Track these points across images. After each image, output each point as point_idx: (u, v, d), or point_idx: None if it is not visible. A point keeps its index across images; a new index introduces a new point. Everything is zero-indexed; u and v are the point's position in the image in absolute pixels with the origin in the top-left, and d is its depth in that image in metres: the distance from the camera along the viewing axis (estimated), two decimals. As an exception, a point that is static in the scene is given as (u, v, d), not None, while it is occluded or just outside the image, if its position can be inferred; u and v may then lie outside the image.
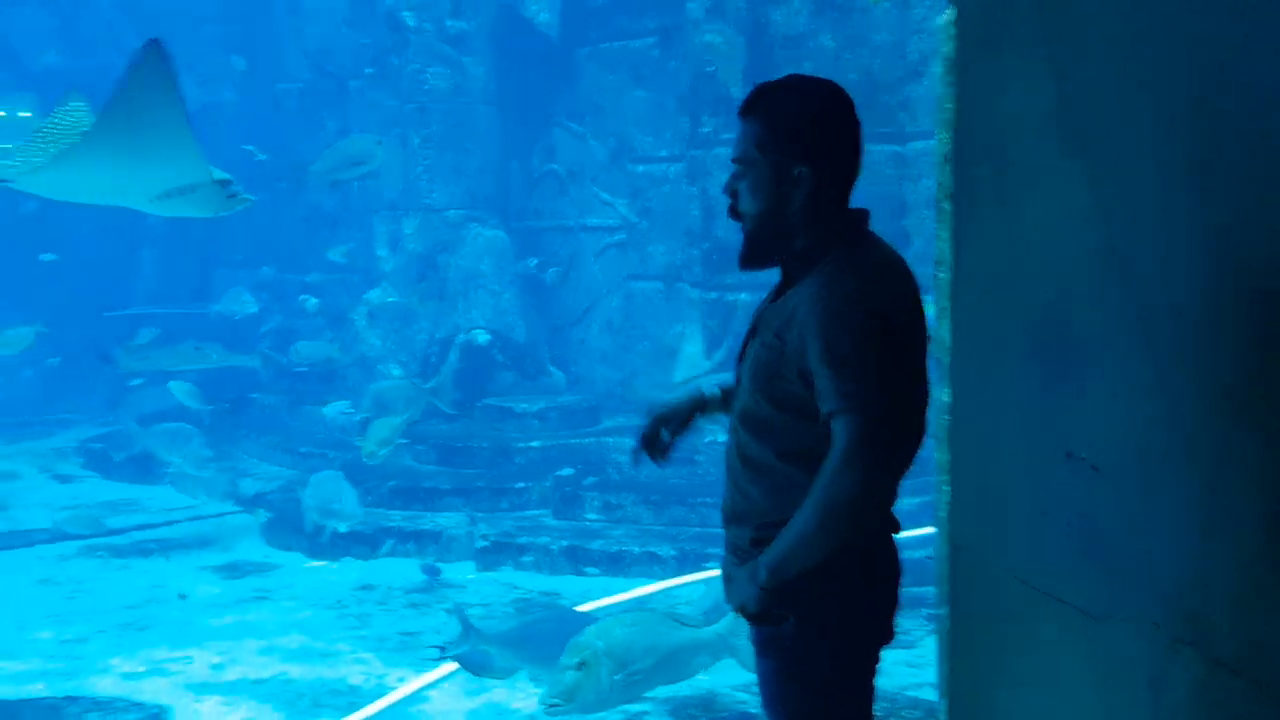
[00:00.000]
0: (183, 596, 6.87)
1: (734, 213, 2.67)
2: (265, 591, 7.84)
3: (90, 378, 14.92)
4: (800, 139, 2.59)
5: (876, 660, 2.66)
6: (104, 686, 6.06)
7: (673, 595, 6.90)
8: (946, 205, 2.98)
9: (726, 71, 9.14)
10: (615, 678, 3.79)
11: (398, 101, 10.67)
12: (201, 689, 6.07)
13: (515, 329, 10.62)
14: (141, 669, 6.34)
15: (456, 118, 10.55)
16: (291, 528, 8.69)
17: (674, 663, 4.16)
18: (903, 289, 2.59)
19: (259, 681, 6.17)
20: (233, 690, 6.06)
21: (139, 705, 5.79)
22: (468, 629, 5.57)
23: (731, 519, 2.69)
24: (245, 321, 13.00)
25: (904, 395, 2.49)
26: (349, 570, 8.21)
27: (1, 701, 5.77)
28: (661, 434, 2.92)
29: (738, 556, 2.65)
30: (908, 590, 2.73)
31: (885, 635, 2.65)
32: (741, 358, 2.73)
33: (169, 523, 9.64)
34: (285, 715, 5.73)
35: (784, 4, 9.12)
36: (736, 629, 4.46)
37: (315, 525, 8.05)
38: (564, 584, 7.80)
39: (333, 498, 8.04)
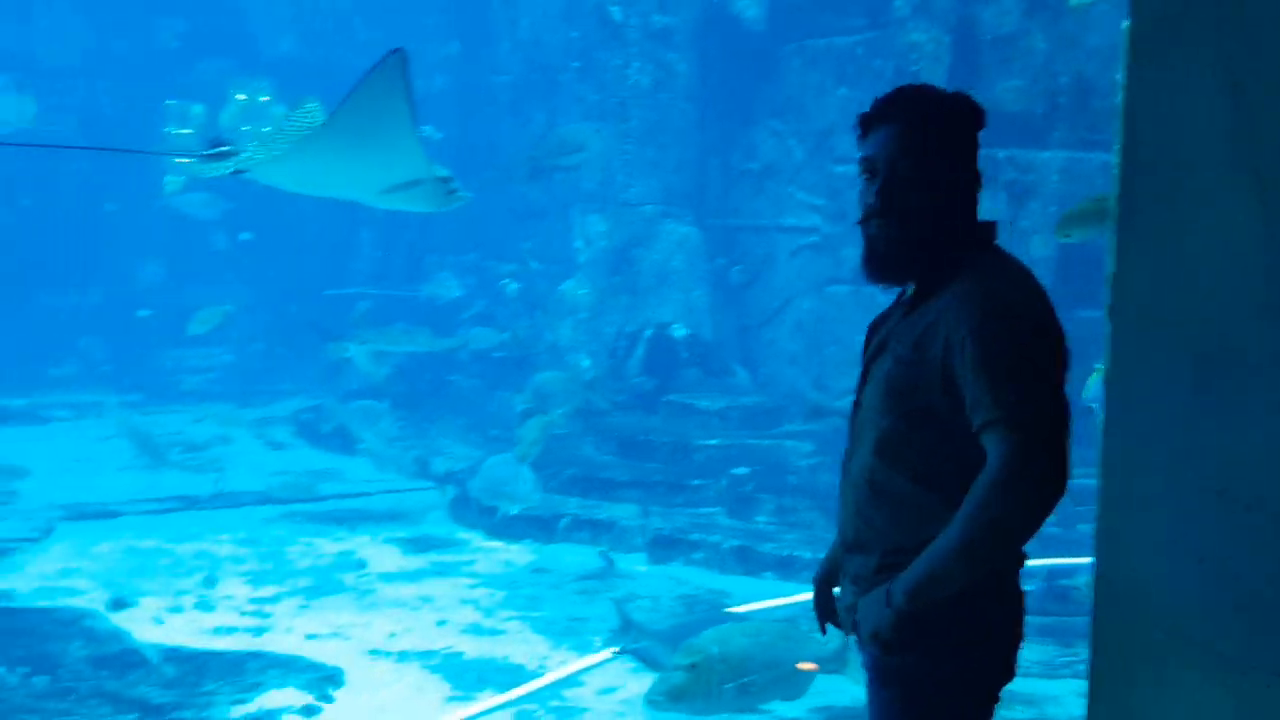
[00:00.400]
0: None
1: (869, 222, 2.59)
2: (445, 567, 8.11)
3: (308, 352, 15.65)
4: (947, 145, 2.53)
5: (997, 699, 2.55)
6: (286, 645, 6.38)
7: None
8: (1113, 220, 2.85)
9: (931, 71, 8.94)
10: (726, 686, 3.78)
11: (600, 96, 10.84)
12: (375, 655, 6.32)
13: (703, 326, 10.65)
14: (323, 631, 6.66)
15: (657, 113, 10.64)
16: (475, 507, 8.98)
17: (789, 678, 4.11)
18: (1047, 301, 2.49)
19: (429, 653, 6.38)
20: (403, 658, 6.29)
21: (315, 666, 6.07)
22: (627, 623, 5.63)
23: (854, 548, 2.59)
24: (450, 305, 13.48)
25: (1063, 412, 2.37)
26: (525, 552, 8.42)
27: (191, 652, 6.15)
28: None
29: (860, 586, 2.54)
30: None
31: (1009, 671, 2.54)
32: (865, 378, 2.64)
33: (363, 494, 10.08)
34: (451, 687, 5.91)
35: (994, 3, 8.87)
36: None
37: (486, 506, 8.26)
38: (733, 584, 7.78)
39: (507, 480, 8.24)
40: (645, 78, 10.63)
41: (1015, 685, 2.64)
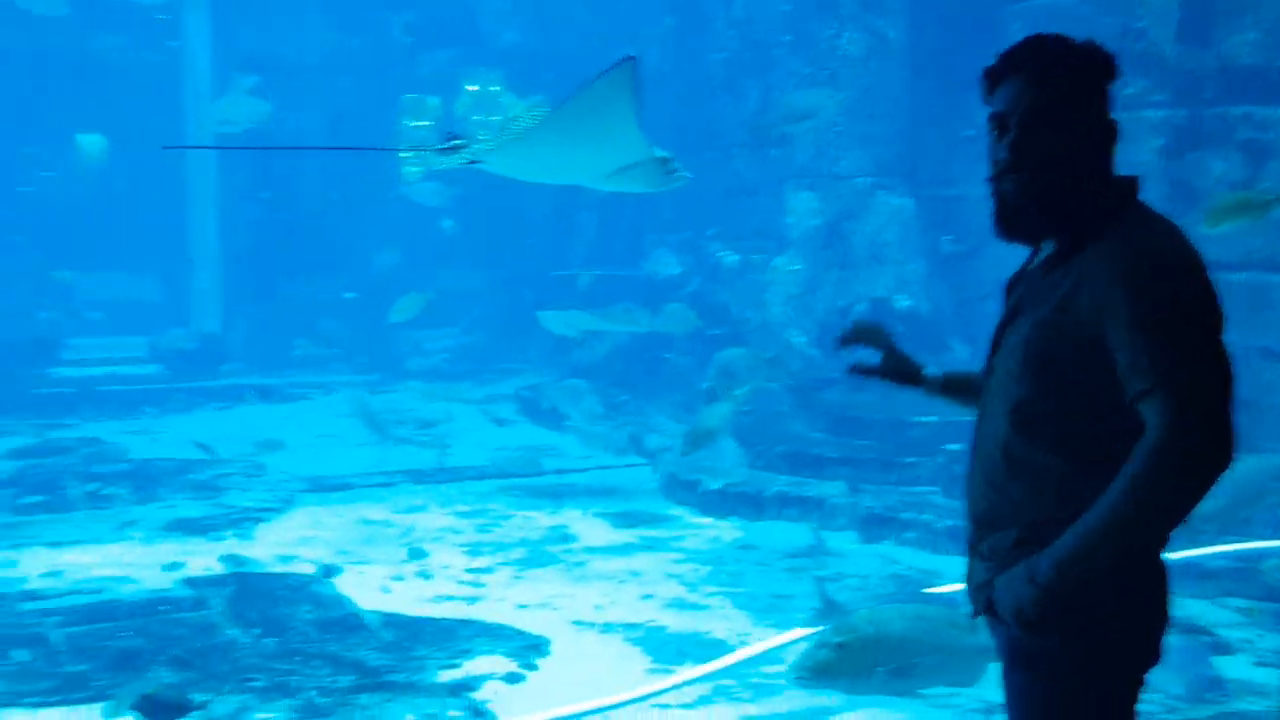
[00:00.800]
0: None
1: (1001, 178, 2.47)
2: (653, 541, 8.21)
3: (535, 331, 16.10)
4: (1076, 96, 2.40)
5: (1141, 684, 2.39)
6: (496, 614, 6.59)
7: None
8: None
9: (1159, 27, 8.44)
10: (878, 668, 3.67)
11: (812, 69, 10.69)
12: (580, 625, 6.45)
13: (919, 300, 10.40)
14: (532, 601, 6.84)
15: (869, 82, 10.43)
16: (682, 483, 9.05)
17: (956, 664, 3.96)
18: (1201, 258, 2.30)
19: (633, 625, 6.47)
20: (607, 630, 6.40)
21: (522, 634, 6.24)
22: (829, 604, 5.56)
23: (987, 523, 2.46)
24: (667, 282, 13.62)
25: (1227, 377, 2.21)
26: (733, 529, 8.43)
27: (408, 618, 6.42)
28: (874, 353, 2.80)
29: (994, 561, 2.42)
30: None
31: (1155, 655, 2.38)
32: (997, 345, 2.51)
33: (578, 470, 10.32)
34: (652, 659, 5.98)
35: (1230, -45, 8.28)
36: None
37: (688, 481, 8.29)
38: (946, 564, 7.56)
39: (712, 456, 8.25)
40: (857, 47, 10.43)
41: (1243, 673, 2.48)
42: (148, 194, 18.70)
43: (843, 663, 3.60)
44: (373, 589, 6.91)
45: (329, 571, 7.18)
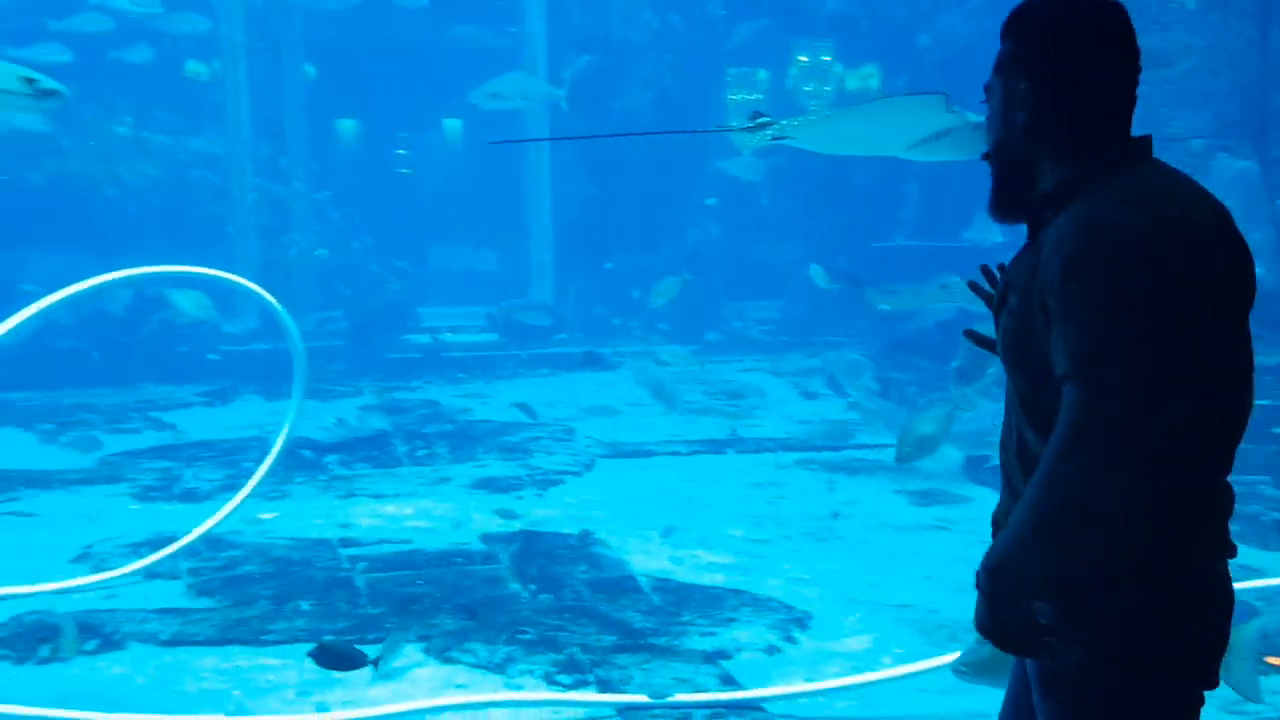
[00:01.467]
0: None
1: (989, 155, 2.26)
2: (948, 521, 7.96)
3: (856, 304, 15.92)
4: (1030, 53, 2.16)
5: (1197, 708, 2.10)
6: (768, 586, 6.59)
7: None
8: None
9: None
10: None
11: (1141, 21, 9.91)
12: (851, 603, 6.35)
13: (1268, 270, 9.47)
14: (806, 576, 6.80)
15: (1208, 37, 9.57)
16: (982, 463, 8.71)
17: None
18: (1200, 225, 2.01)
19: (905, 606, 6.30)
20: (878, 609, 6.26)
21: (789, 608, 6.22)
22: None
23: (999, 528, 2.24)
24: (992, 250, 13.07)
25: (1178, 368, 1.93)
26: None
27: (679, 584, 6.54)
28: None
29: None
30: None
31: (1207, 679, 2.08)
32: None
33: (882, 445, 10.11)
34: (919, 643, 5.81)
35: None
36: (1239, 651, 3.71)
37: (976, 457, 7.95)
38: (1273, 561, 6.92)
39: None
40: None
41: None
42: (490, 173, 19.89)
43: (1003, 658, 3.36)
44: (651, 554, 7.07)
45: (609, 535, 7.41)
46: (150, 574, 6.32)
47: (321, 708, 4.80)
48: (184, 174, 16.99)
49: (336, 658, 4.34)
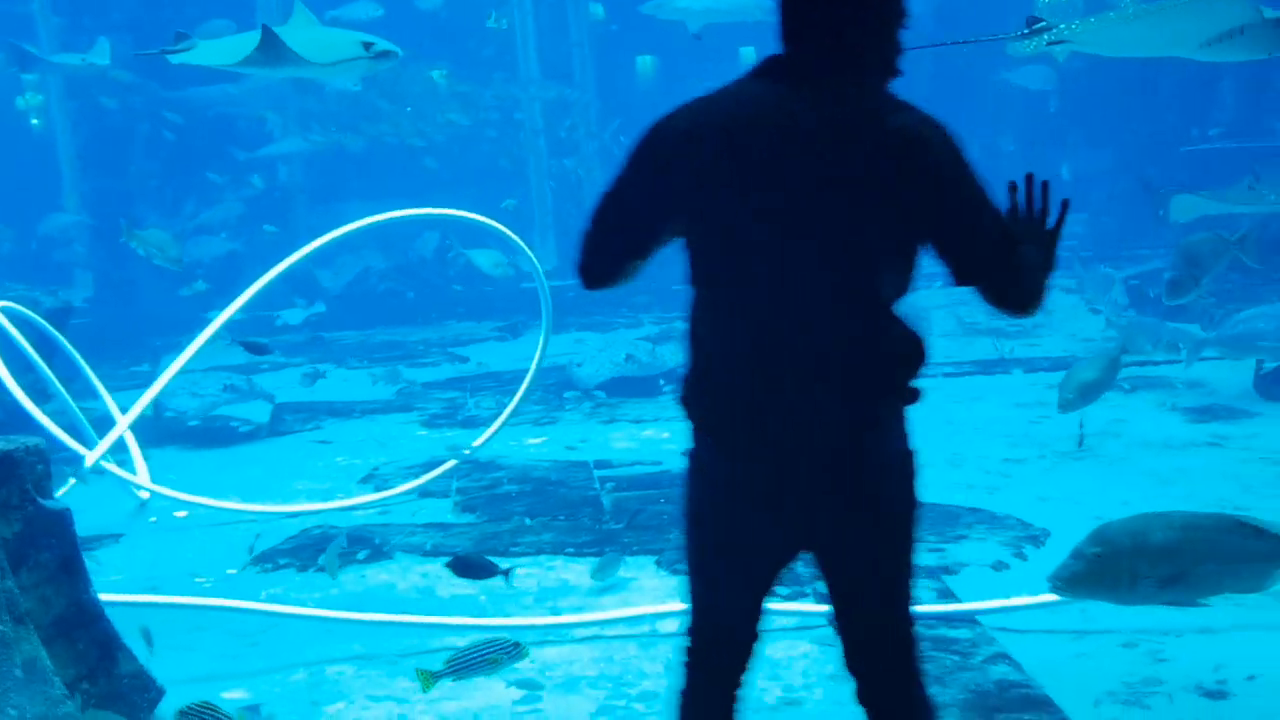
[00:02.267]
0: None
1: None
2: (1223, 439, 7.56)
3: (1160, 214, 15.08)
4: None
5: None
6: (1013, 504, 6.51)
7: None
8: None
9: None
10: (1143, 579, 3.20)
11: None
12: (1095, 521, 6.11)
13: None
14: (1054, 495, 6.66)
15: None
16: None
17: (1237, 571, 3.32)
18: (723, 110, 2.51)
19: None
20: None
21: (1027, 525, 6.14)
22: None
23: None
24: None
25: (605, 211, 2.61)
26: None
27: (934, 504, 6.54)
28: None
29: None
30: None
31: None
32: None
33: (1166, 361, 9.60)
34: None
35: None
36: None
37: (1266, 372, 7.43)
38: None
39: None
40: None
41: None
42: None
43: (1098, 573, 3.24)
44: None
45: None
46: (424, 493, 6.97)
47: (554, 611, 5.22)
48: (484, 120, 18.00)
49: (471, 568, 4.71)
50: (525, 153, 17.49)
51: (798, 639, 4.88)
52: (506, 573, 4.71)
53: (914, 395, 2.53)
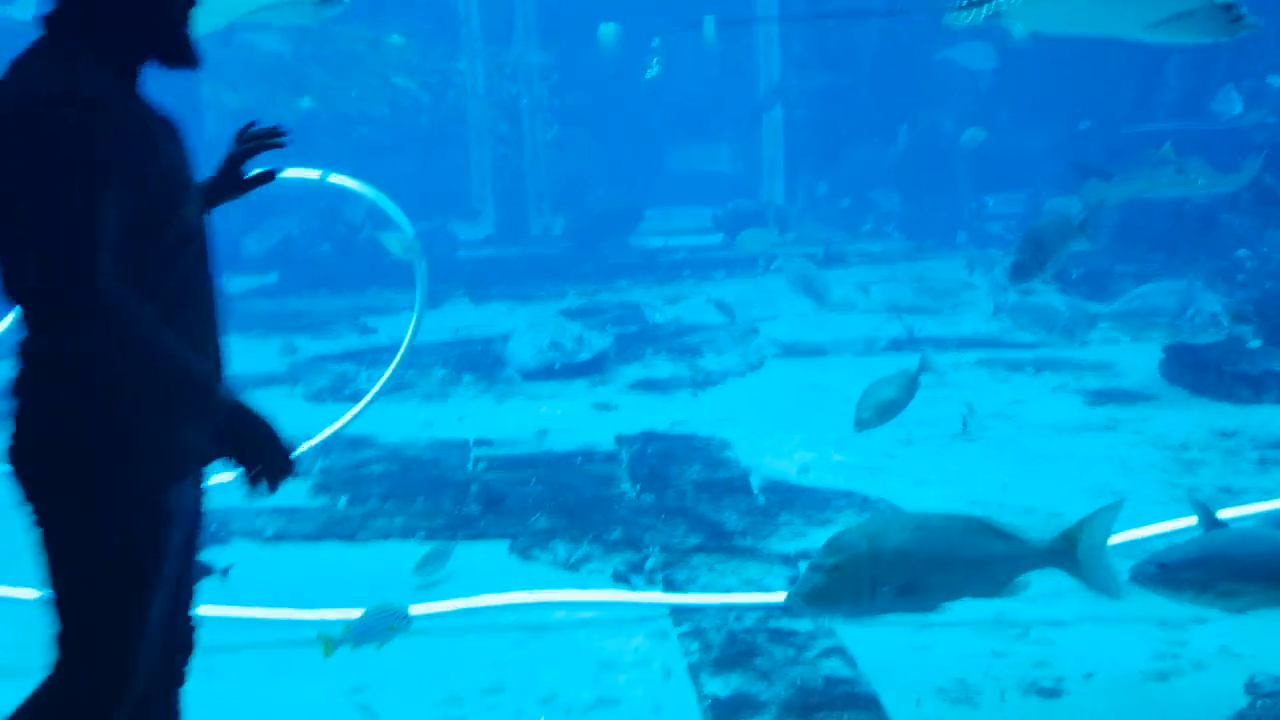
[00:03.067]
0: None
1: None
2: (1116, 424, 7.41)
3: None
4: None
5: None
6: (889, 487, 6.30)
7: None
8: None
9: None
10: (881, 588, 2.95)
11: None
12: (970, 505, 5.99)
13: None
14: (935, 478, 6.48)
15: None
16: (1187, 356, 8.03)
17: (976, 576, 3.10)
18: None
19: (1028, 511, 5.89)
20: (996, 513, 5.87)
21: (897, 510, 5.96)
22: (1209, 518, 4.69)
23: None
24: (1230, 128, 12.03)
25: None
26: (1217, 415, 7.35)
27: (790, 486, 6.36)
28: None
29: None
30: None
31: None
32: None
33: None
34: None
35: None
36: (1092, 546, 3.17)
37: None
38: None
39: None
40: None
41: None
42: (725, 71, 19.65)
43: (839, 585, 2.99)
44: (780, 455, 6.90)
45: (744, 436, 7.28)
46: (285, 471, 6.69)
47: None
48: (424, 85, 17.68)
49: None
50: (467, 117, 17.22)
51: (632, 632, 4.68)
52: (225, 571, 4.45)
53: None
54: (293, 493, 6.35)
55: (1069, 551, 3.16)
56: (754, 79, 18.95)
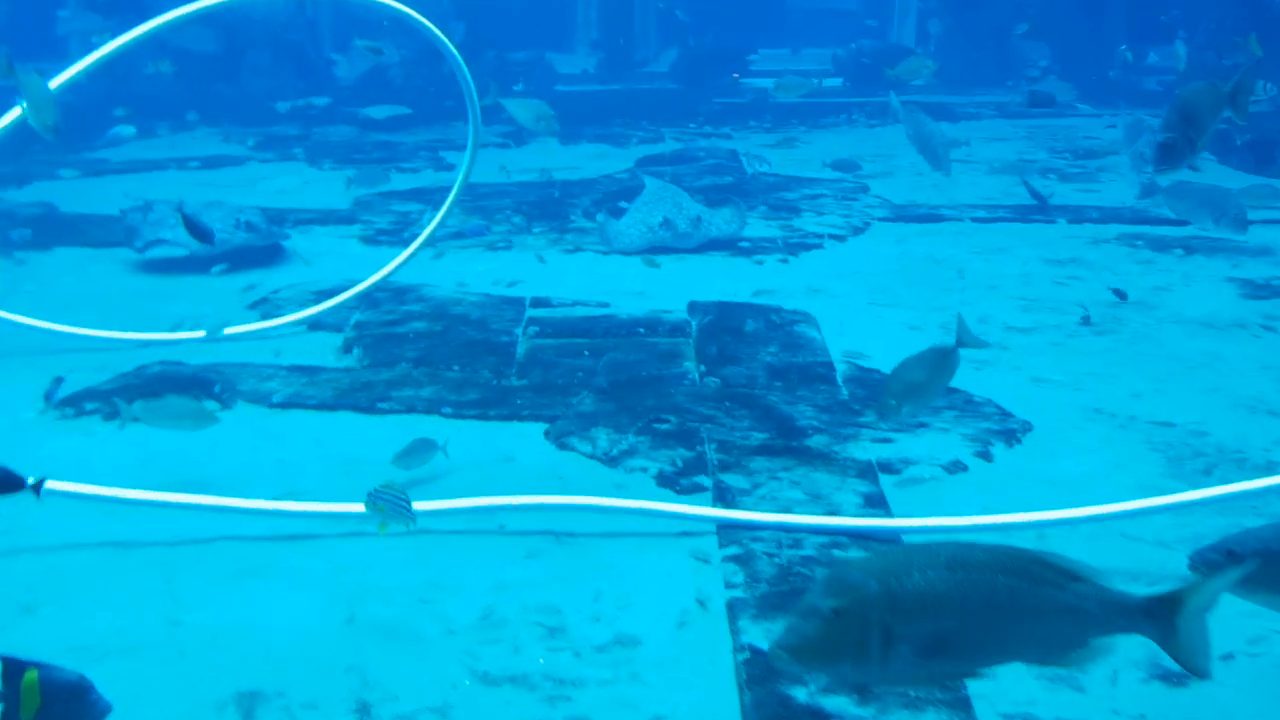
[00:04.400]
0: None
1: None
2: (1275, 320, 6.32)
3: None
4: None
5: None
6: (999, 386, 5.39)
7: None
8: None
9: None
10: (899, 645, 1.98)
11: None
12: (1093, 415, 5.06)
13: None
14: (1055, 377, 5.53)
15: None
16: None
17: (1036, 634, 2.08)
18: None
19: (1167, 425, 4.94)
20: (1126, 426, 4.94)
21: (1006, 414, 5.02)
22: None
23: None
24: None
25: None
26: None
27: (881, 376, 5.47)
28: None
29: None
30: None
31: None
32: None
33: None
34: (1160, 475, 4.51)
35: None
36: (1197, 612, 2.14)
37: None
38: None
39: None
40: None
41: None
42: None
43: (838, 638, 1.99)
44: (874, 338, 5.99)
45: (835, 312, 6.37)
46: (316, 325, 6.02)
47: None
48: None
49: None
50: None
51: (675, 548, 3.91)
52: (37, 487, 3.72)
53: None
54: (318, 349, 5.71)
55: (1167, 617, 2.13)
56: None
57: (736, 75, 15.46)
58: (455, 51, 6.02)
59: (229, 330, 5.69)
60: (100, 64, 5.39)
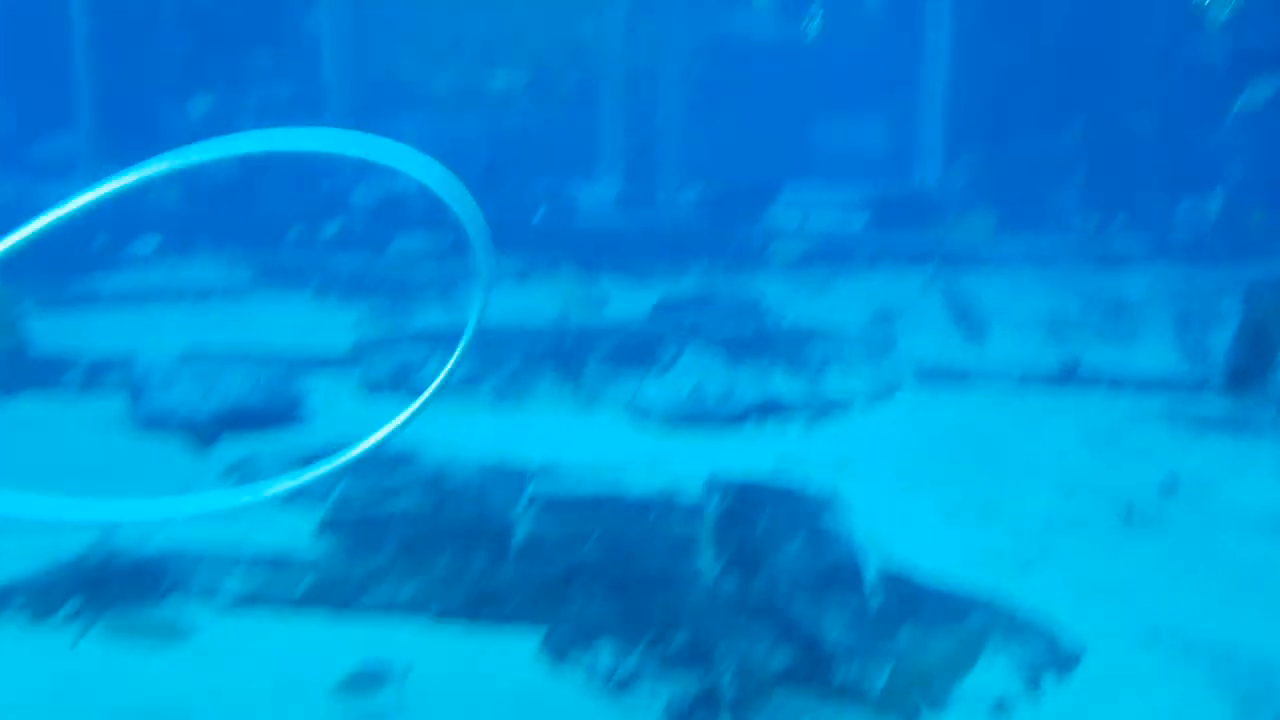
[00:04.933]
0: None
1: None
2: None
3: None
4: None
5: None
6: (1043, 592, 4.87)
7: None
8: None
9: None
10: None
11: None
12: (1149, 638, 4.54)
13: None
14: (1100, 586, 5.01)
15: None
16: None
17: None
18: None
19: (1233, 648, 4.42)
20: (1187, 652, 4.42)
21: (1052, 639, 4.51)
22: None
23: None
24: None
25: None
26: None
27: (914, 587, 4.96)
28: None
29: None
30: None
31: None
32: None
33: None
34: (1223, 712, 3.99)
35: None
36: None
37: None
38: None
39: None
40: None
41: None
42: (886, 38, 17.92)
43: None
44: (905, 528, 5.49)
45: (861, 495, 5.88)
46: (295, 496, 5.53)
47: None
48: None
49: None
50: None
51: None
52: None
53: None
54: (294, 530, 5.23)
55: None
56: (920, 40, 17.20)
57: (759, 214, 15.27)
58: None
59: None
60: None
